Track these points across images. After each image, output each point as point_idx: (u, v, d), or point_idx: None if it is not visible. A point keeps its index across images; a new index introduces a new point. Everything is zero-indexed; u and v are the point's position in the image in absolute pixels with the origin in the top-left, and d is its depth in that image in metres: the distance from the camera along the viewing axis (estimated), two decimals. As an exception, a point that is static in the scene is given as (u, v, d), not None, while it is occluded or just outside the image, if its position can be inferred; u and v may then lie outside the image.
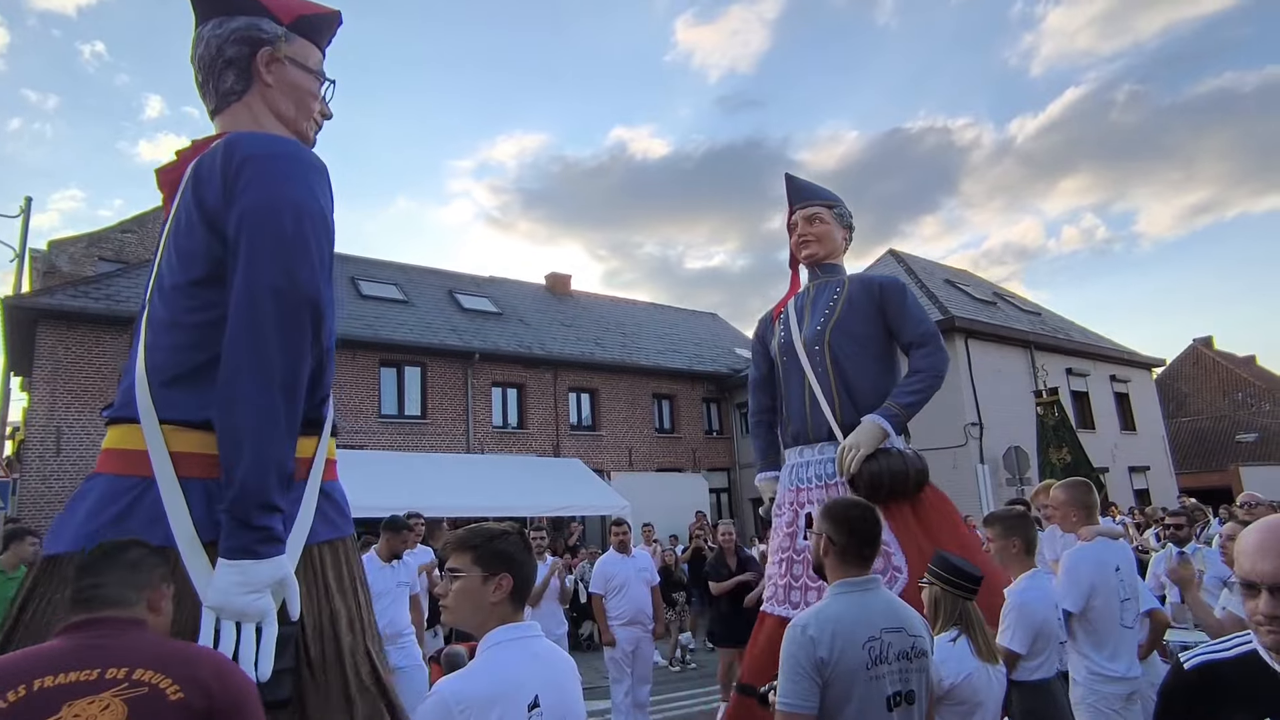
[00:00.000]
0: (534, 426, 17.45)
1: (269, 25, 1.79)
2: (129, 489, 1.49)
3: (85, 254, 19.01)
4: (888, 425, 3.02)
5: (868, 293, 3.32)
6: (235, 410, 1.43)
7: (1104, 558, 3.04)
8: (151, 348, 1.57)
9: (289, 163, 1.58)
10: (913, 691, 1.91)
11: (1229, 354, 32.00)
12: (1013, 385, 16.26)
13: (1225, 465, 24.10)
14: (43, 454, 12.21)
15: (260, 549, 1.40)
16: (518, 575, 1.53)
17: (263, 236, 1.48)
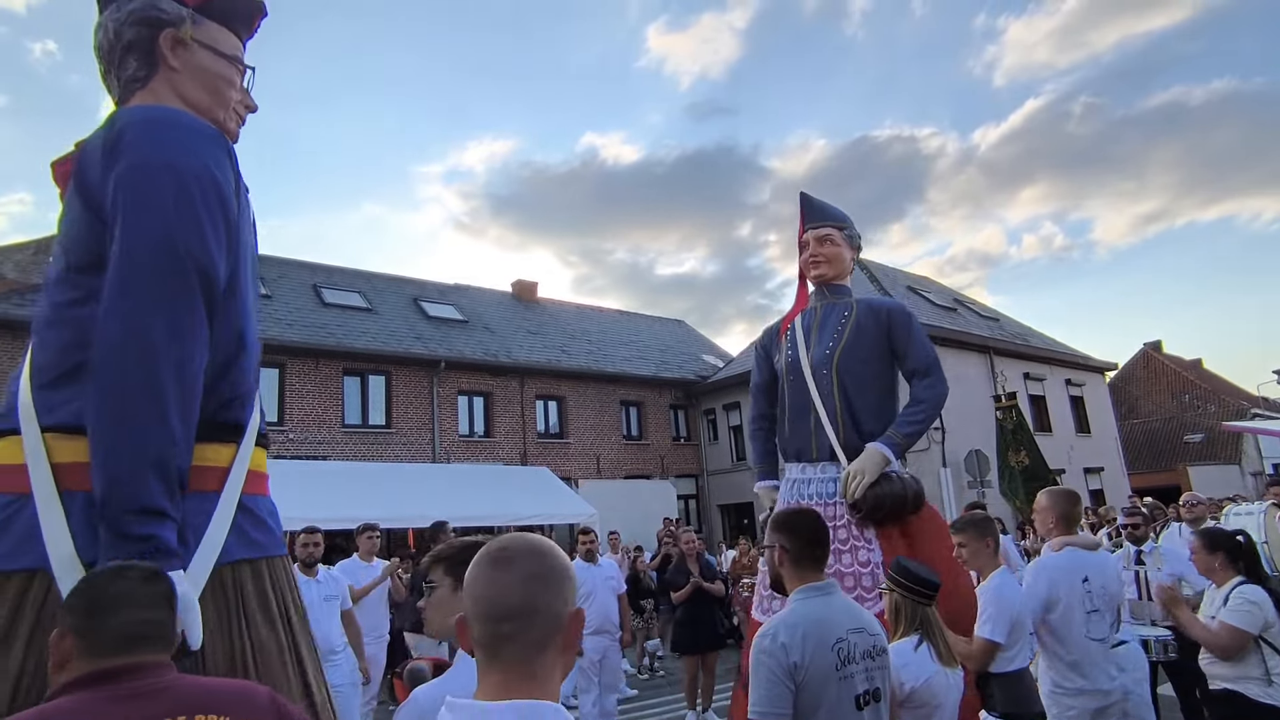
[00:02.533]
0: (501, 435, 17.32)
1: (169, 5, 1.63)
2: (4, 506, 1.32)
3: (33, 260, 18.36)
4: (890, 454, 3.15)
5: (875, 319, 3.42)
6: (105, 394, 1.25)
7: (1070, 568, 3.07)
8: (36, 348, 1.42)
9: (170, 127, 1.44)
10: (879, 689, 1.97)
11: (1177, 358, 33.12)
12: (973, 390, 16.61)
13: (1174, 465, 24.90)
14: (-14, 469, 11.75)
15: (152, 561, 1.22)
16: None
17: (139, 200, 1.34)
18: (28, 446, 1.32)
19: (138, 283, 1.29)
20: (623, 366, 20.19)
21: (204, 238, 1.37)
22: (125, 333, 1.27)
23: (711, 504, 20.67)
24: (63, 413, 1.34)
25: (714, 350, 25.07)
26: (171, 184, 1.36)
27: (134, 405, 1.25)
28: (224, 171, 1.48)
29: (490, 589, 1.00)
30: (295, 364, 14.75)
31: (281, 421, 14.33)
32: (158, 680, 1.09)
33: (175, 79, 1.63)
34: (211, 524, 1.40)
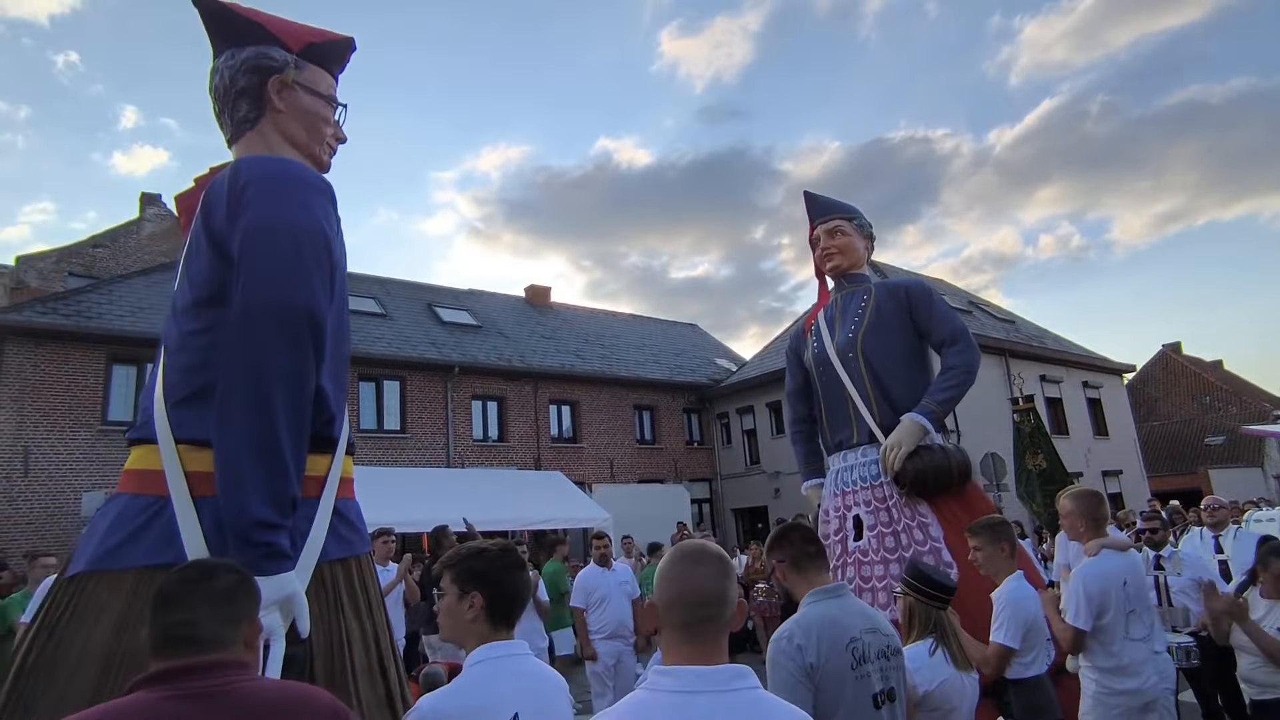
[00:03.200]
0: (514, 439, 17.38)
1: (278, 53, 1.84)
2: (145, 508, 1.52)
3: (55, 269, 18.70)
4: (927, 422, 3.12)
5: (894, 298, 3.42)
6: (227, 429, 1.42)
7: (1110, 572, 3.04)
8: (168, 369, 1.62)
9: (288, 183, 1.61)
10: (893, 689, 1.97)
11: (1197, 359, 32.70)
12: (989, 393, 16.49)
13: (1195, 468, 24.57)
14: (10, 474, 11.93)
15: (265, 565, 1.39)
16: (491, 593, 1.51)
17: (259, 255, 1.50)
18: (165, 457, 1.52)
19: (258, 331, 1.46)
20: (636, 371, 20.21)
21: (314, 290, 1.53)
22: (248, 375, 1.44)
23: (725, 508, 20.62)
24: (192, 429, 1.53)
25: (727, 354, 25.04)
26: (289, 243, 1.53)
27: (254, 439, 1.42)
28: (330, 221, 1.65)
29: (691, 582, 1.25)
30: (311, 369, 14.86)
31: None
32: (220, 682, 1.10)
33: (280, 119, 1.84)
34: (313, 527, 1.57)
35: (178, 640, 1.13)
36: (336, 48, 1.96)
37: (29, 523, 11.74)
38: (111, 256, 19.56)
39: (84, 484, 12.28)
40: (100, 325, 13.00)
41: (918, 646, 2.45)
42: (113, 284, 14.99)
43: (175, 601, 1.16)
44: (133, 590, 1.44)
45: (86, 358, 12.85)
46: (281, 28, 1.87)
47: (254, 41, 1.83)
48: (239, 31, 1.84)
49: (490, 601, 1.51)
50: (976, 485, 3.33)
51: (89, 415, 12.69)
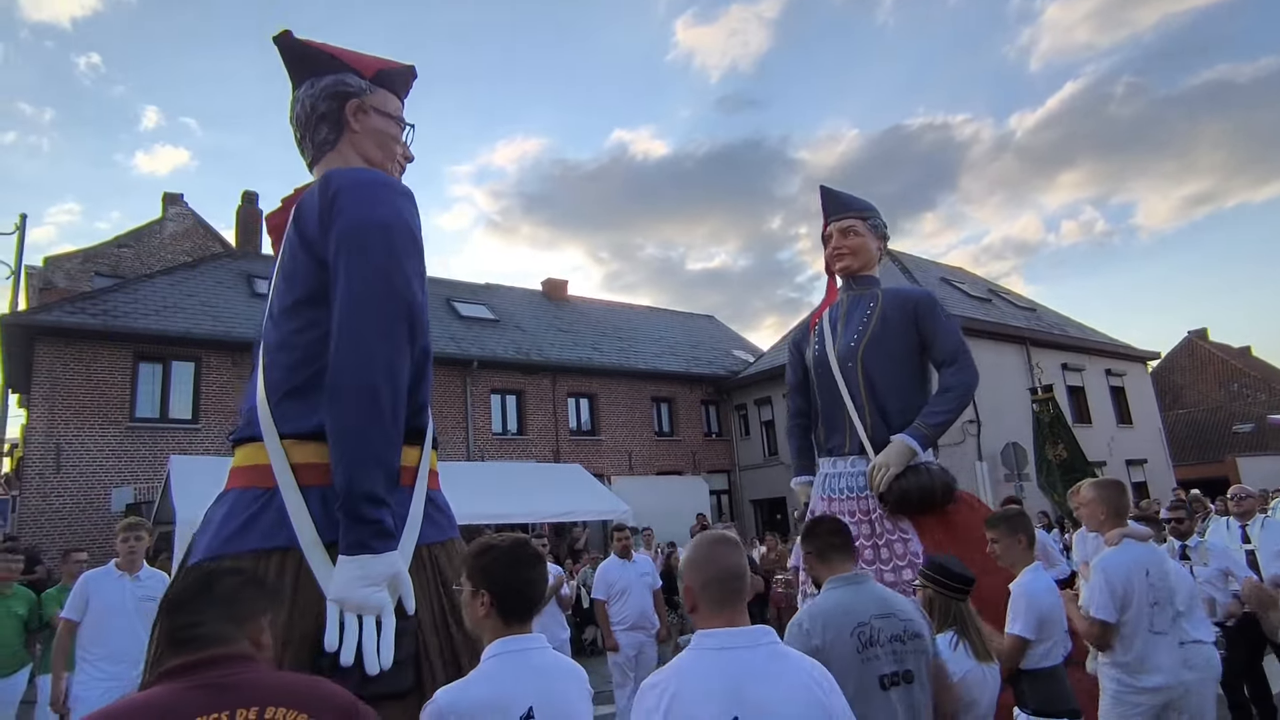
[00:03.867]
0: (533, 433, 17.48)
1: (353, 79, 1.98)
2: (255, 499, 1.63)
3: (81, 269, 19.04)
4: (916, 445, 3.11)
5: (901, 309, 3.37)
6: (341, 409, 1.53)
7: (1132, 561, 3.00)
8: (268, 368, 1.73)
9: (377, 187, 1.74)
10: (910, 671, 2.02)
11: (1224, 345, 32.12)
12: (1009, 382, 16.33)
13: (1222, 456, 24.18)
14: (42, 471, 12.21)
15: (374, 544, 1.49)
16: (500, 591, 1.51)
17: (357, 251, 1.62)
18: (271, 451, 1.64)
19: (361, 320, 1.57)
20: (653, 363, 20.23)
21: (408, 279, 1.65)
22: (355, 361, 1.55)
23: (744, 499, 20.63)
24: (295, 423, 1.65)
25: (744, 345, 24.98)
26: (381, 237, 1.64)
27: (364, 418, 1.53)
28: (415, 220, 1.78)
29: (725, 561, 1.58)
30: (332, 365, 15.02)
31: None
32: (234, 673, 1.15)
33: (356, 140, 1.98)
34: (410, 512, 1.68)
35: (183, 640, 1.18)
36: (402, 74, 2.12)
37: (61, 518, 12.01)
38: (135, 256, 19.88)
39: (113, 480, 12.54)
40: (126, 324, 13.23)
41: (939, 639, 2.45)
42: (137, 284, 15.23)
43: (181, 606, 1.21)
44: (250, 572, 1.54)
45: (114, 356, 13.09)
46: (353, 58, 2.02)
47: (331, 70, 1.98)
48: (317, 63, 1.99)
49: (500, 599, 1.51)
50: (965, 496, 3.30)
51: (117, 413, 12.94)
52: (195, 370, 13.86)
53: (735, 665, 1.46)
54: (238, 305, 15.38)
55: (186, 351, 13.77)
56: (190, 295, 15.03)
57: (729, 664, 1.47)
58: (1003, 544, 3.03)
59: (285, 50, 2.01)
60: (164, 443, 13.03)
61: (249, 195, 19.24)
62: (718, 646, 1.50)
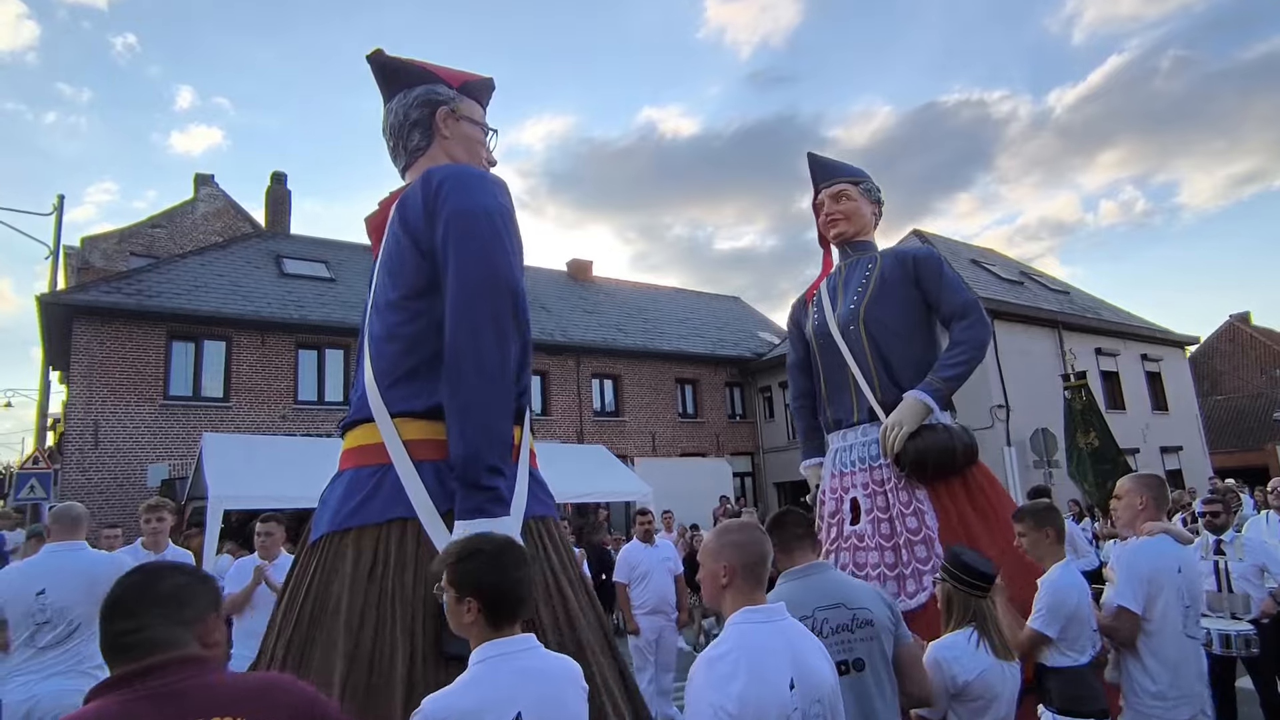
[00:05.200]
0: (557, 413, 17.56)
1: (443, 89, 2.14)
2: (371, 475, 1.75)
3: (117, 249, 19.41)
4: (930, 400, 2.95)
5: (901, 267, 3.24)
6: (460, 387, 1.64)
7: (1164, 552, 2.80)
8: (375, 357, 1.85)
9: (476, 178, 1.86)
10: (860, 659, 2.05)
11: (1268, 329, 31.13)
12: (1040, 366, 16.01)
13: (1262, 444, 23.56)
14: (81, 446, 12.55)
15: (491, 508, 1.60)
16: (487, 597, 1.45)
17: (465, 236, 1.73)
18: (384, 430, 1.75)
19: (473, 302, 1.68)
20: (678, 344, 20.17)
21: (511, 263, 1.77)
22: (470, 340, 1.66)
23: (768, 482, 20.58)
24: (405, 403, 1.77)
25: (769, 327, 24.79)
26: (486, 222, 1.75)
27: (481, 392, 1.64)
28: (512, 207, 1.91)
29: (765, 547, 1.80)
30: (360, 345, 15.20)
31: (347, 401, 14.69)
32: (172, 680, 1.09)
33: (446, 145, 2.11)
34: (517, 486, 1.77)
35: (127, 646, 1.12)
36: (484, 85, 2.27)
37: (100, 492, 12.36)
38: (169, 236, 20.21)
39: (149, 456, 12.86)
40: (159, 304, 13.48)
41: (956, 635, 2.41)
42: (170, 264, 15.50)
43: (121, 609, 1.14)
44: (374, 541, 1.69)
45: (148, 335, 13.36)
46: (441, 70, 2.17)
47: (421, 82, 2.13)
48: (408, 76, 2.13)
49: (487, 605, 1.45)
50: (984, 467, 3.13)
51: (152, 391, 13.23)
52: (226, 349, 14.11)
53: (785, 634, 1.69)
54: (266, 285, 15.59)
55: (217, 330, 14.01)
56: (220, 275, 15.26)
57: (781, 633, 1.68)
58: (1030, 538, 2.95)
59: (377, 67, 2.14)
60: (197, 420, 13.32)
61: (278, 175, 19.41)
62: (766, 619, 1.70)
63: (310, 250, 17.97)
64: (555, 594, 1.80)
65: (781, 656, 1.64)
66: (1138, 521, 3.03)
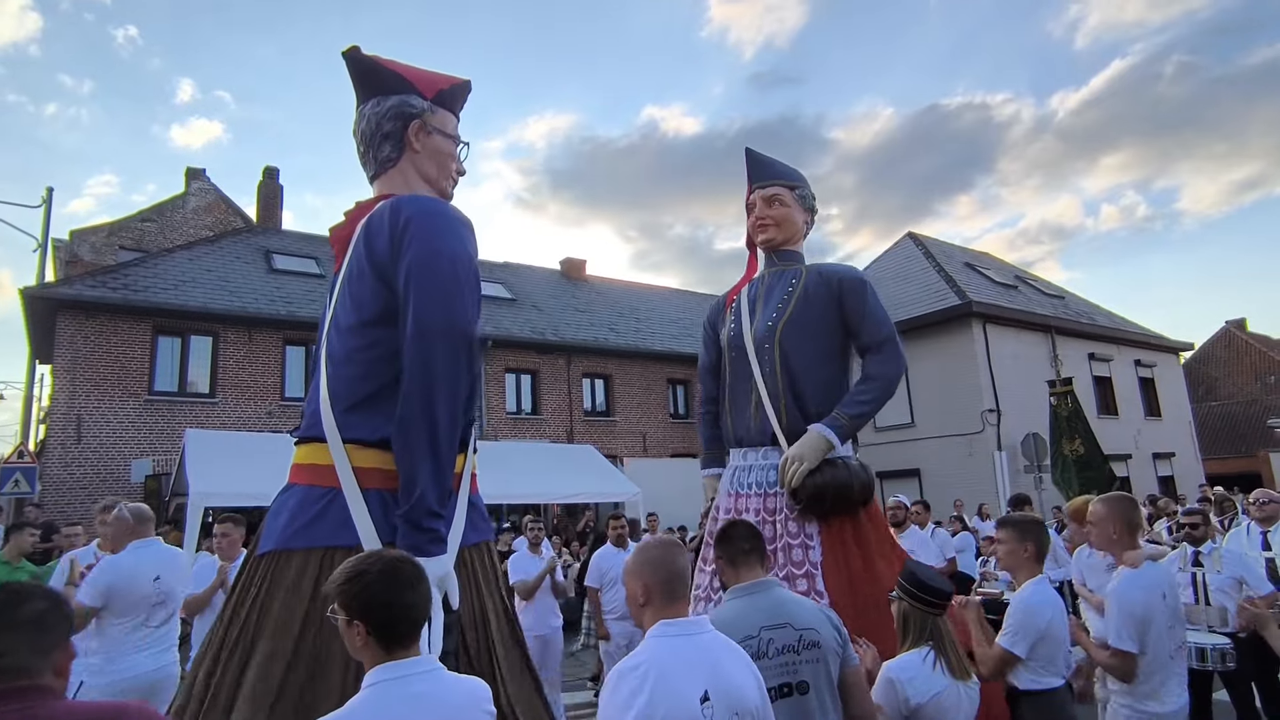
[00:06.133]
0: (547, 413, 17.49)
1: (416, 101, 2.13)
2: (320, 497, 1.80)
3: (106, 243, 19.30)
4: (834, 437, 2.86)
5: (826, 286, 3.08)
6: (410, 434, 1.70)
7: (1152, 585, 2.82)
8: (332, 378, 1.88)
9: (443, 220, 1.87)
10: (805, 682, 2.02)
11: (1263, 336, 31.13)
12: (1032, 371, 15.95)
13: (1255, 450, 23.53)
14: (64, 441, 12.46)
15: (430, 548, 1.67)
16: (374, 621, 1.39)
17: (426, 282, 1.76)
18: (335, 455, 1.80)
19: (429, 347, 1.73)
20: (670, 344, 20.09)
21: (468, 311, 1.81)
22: (421, 393, 1.71)
23: (759, 484, 20.48)
24: (357, 430, 1.81)
25: (764, 328, 24.70)
26: (448, 268, 1.79)
27: (427, 439, 1.70)
28: (475, 250, 1.93)
29: (680, 563, 1.79)
30: (348, 342, 15.11)
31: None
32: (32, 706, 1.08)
33: (416, 159, 2.13)
34: (455, 517, 1.83)
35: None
36: (460, 91, 2.26)
37: (83, 487, 12.26)
38: (159, 231, 20.09)
39: (132, 451, 12.77)
40: (145, 298, 13.38)
41: (912, 655, 2.34)
42: (157, 258, 15.41)
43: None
44: (318, 565, 1.72)
45: (133, 330, 13.26)
46: (417, 77, 2.16)
47: (396, 91, 2.12)
48: (384, 82, 2.12)
49: (375, 628, 1.39)
50: (876, 508, 3.05)
51: (136, 386, 13.14)
52: (213, 345, 14.02)
53: (702, 647, 1.69)
54: (255, 281, 15.49)
55: (204, 326, 13.92)
56: (209, 270, 15.16)
57: (696, 646, 1.68)
58: (1007, 548, 2.87)
59: (353, 65, 2.14)
60: (182, 416, 13.23)
61: (269, 170, 19.33)
62: (681, 633, 1.70)
63: (300, 246, 17.88)
64: (480, 623, 1.86)
65: (696, 670, 1.63)
66: (1115, 549, 3.00)
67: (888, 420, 17.18)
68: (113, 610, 3.55)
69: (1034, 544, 2.83)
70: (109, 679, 3.46)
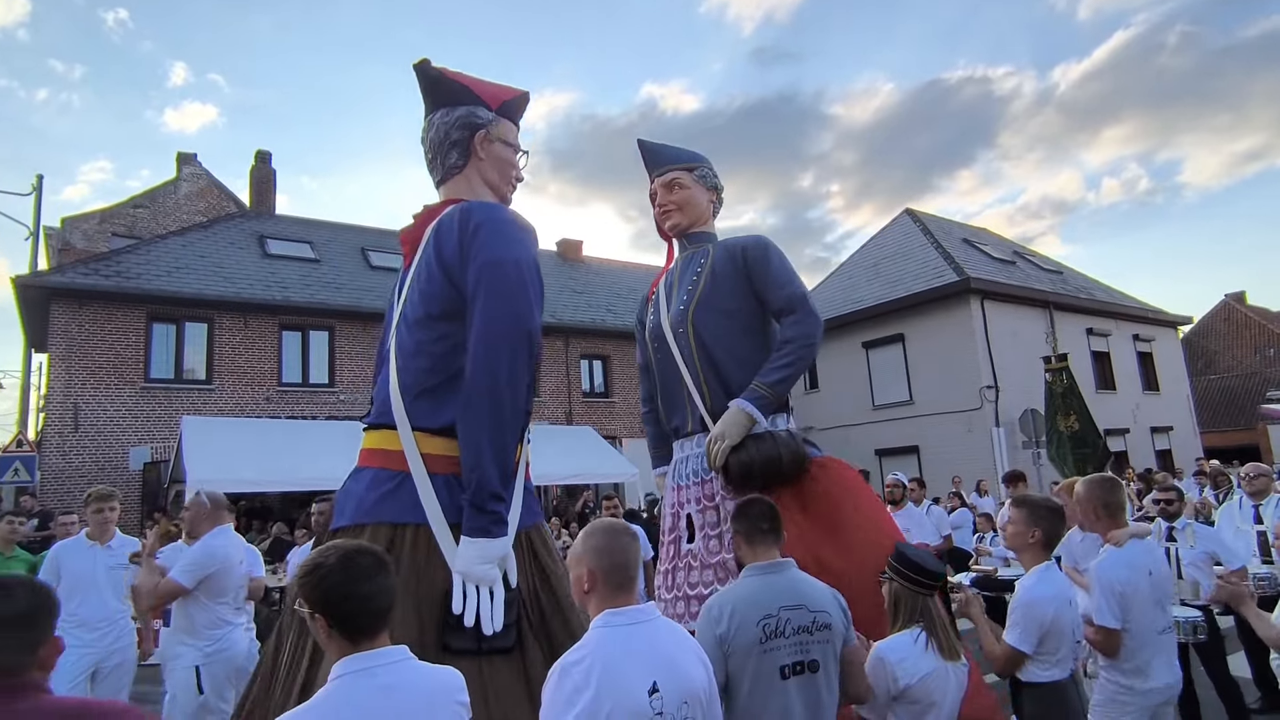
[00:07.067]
0: (546, 395, 17.48)
1: (483, 112, 2.27)
2: (390, 479, 1.94)
3: (98, 230, 19.17)
4: (753, 410, 2.76)
5: (731, 260, 2.98)
6: (477, 424, 1.83)
7: (1136, 562, 2.82)
8: (401, 370, 2.02)
9: (510, 227, 2.01)
10: (815, 661, 2.07)
11: (1262, 309, 31.06)
12: (1031, 347, 15.91)
13: (1254, 423, 23.57)
14: (61, 430, 12.45)
15: (493, 530, 1.81)
16: (333, 614, 1.37)
17: (494, 285, 1.90)
18: (405, 442, 1.94)
19: (496, 346, 1.87)
20: (667, 325, 20.00)
21: (534, 313, 1.95)
22: (489, 382, 1.85)
23: (758, 463, 20.52)
24: (426, 419, 1.96)
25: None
26: (515, 275, 1.93)
27: (493, 430, 1.84)
28: (538, 254, 2.08)
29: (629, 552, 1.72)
30: (344, 326, 15.09)
31: (332, 383, 14.74)
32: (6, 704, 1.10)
33: (481, 166, 2.28)
34: (515, 501, 1.96)
35: None
36: (520, 102, 2.42)
37: (81, 475, 12.28)
38: (151, 217, 19.95)
39: (130, 439, 12.77)
40: (138, 285, 13.32)
41: (902, 636, 2.31)
42: (150, 244, 15.31)
43: None
44: (388, 538, 1.85)
45: (128, 317, 13.21)
46: (482, 88, 2.30)
47: (464, 102, 2.26)
48: (452, 94, 2.27)
49: (336, 620, 1.37)
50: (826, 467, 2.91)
51: (132, 373, 13.11)
52: (208, 331, 13.97)
53: (648, 636, 1.65)
54: (249, 266, 15.41)
55: (199, 312, 13.86)
56: (203, 256, 15.07)
57: (643, 635, 1.64)
58: (1014, 528, 2.81)
59: (423, 77, 2.28)
60: (179, 403, 13.22)
61: (262, 154, 19.14)
62: (629, 622, 1.65)
63: (295, 230, 17.76)
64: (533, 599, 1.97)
65: (642, 659, 1.59)
66: (1097, 527, 3.02)
67: (886, 397, 17.19)
68: (208, 592, 3.69)
69: (1042, 530, 2.76)
70: (221, 660, 3.67)
